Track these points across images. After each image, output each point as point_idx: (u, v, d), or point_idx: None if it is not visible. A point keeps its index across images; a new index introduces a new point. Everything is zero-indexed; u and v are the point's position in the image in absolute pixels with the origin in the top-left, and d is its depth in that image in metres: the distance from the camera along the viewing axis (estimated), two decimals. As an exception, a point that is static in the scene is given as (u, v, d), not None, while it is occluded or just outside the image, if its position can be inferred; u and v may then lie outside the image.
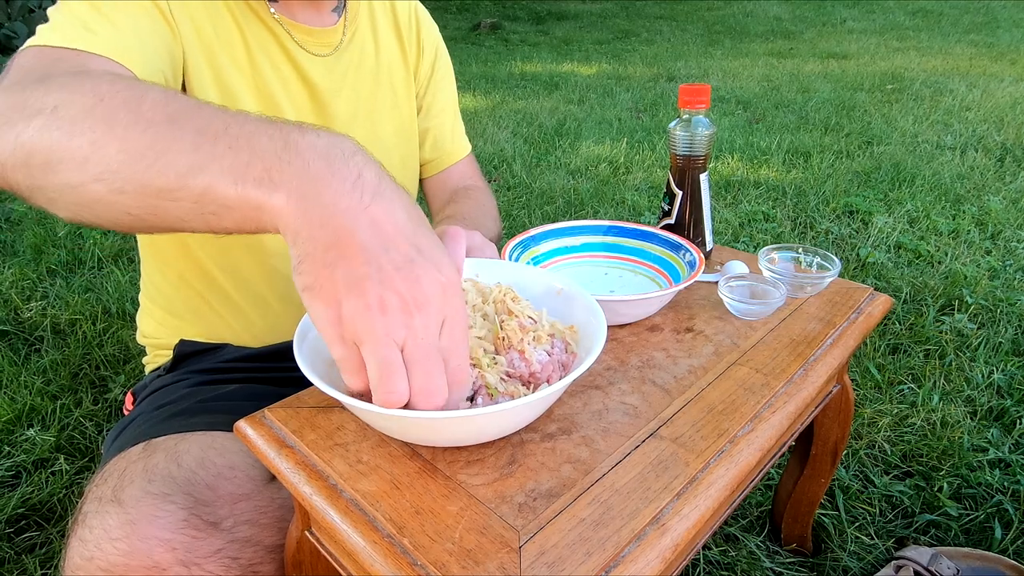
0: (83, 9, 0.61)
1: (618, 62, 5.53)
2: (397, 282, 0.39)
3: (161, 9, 0.68)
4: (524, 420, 0.50)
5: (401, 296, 0.39)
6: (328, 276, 0.39)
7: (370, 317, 0.38)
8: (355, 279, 0.39)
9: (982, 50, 5.19)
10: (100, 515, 0.55)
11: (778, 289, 0.72)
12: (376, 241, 0.40)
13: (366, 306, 0.38)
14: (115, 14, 0.63)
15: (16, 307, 1.75)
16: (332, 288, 0.39)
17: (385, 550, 0.43)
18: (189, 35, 0.70)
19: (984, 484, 1.12)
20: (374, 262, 0.39)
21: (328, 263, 0.39)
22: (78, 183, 0.43)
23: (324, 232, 0.39)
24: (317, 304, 0.39)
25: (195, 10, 0.71)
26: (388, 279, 0.39)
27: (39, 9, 4.36)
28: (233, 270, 0.81)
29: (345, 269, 0.39)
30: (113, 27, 0.61)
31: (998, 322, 1.59)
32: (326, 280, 0.39)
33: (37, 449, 1.24)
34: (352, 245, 0.39)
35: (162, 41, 0.67)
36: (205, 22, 0.72)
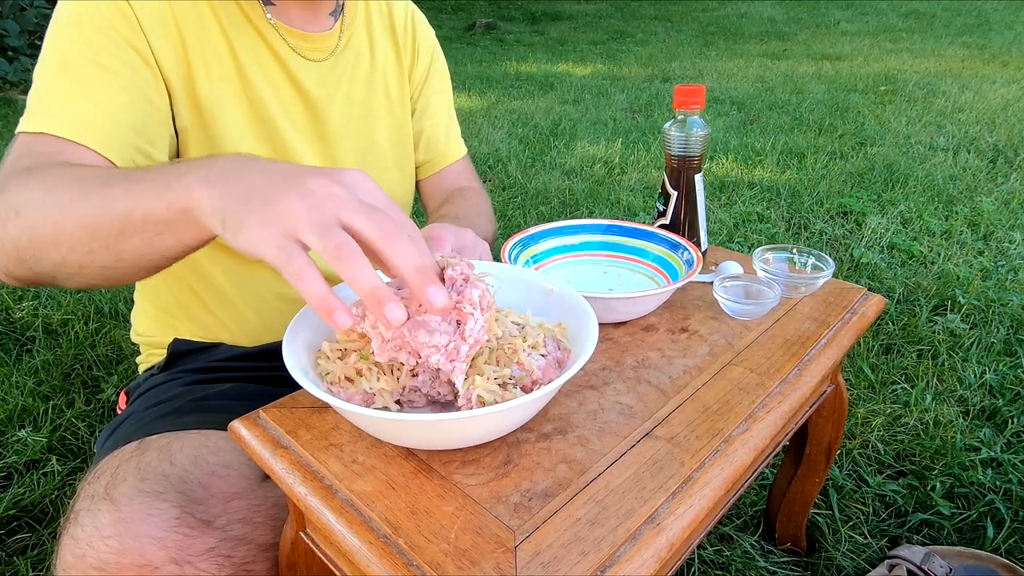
0: (54, 76, 0.64)
1: (613, 63, 5.54)
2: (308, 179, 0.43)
3: (139, 50, 0.67)
4: (517, 422, 0.50)
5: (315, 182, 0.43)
6: (249, 208, 0.43)
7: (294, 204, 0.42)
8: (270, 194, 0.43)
9: (974, 52, 5.22)
10: (92, 513, 0.55)
11: (772, 289, 0.72)
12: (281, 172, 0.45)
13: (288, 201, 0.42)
14: (87, 75, 0.64)
15: (7, 307, 1.74)
16: (256, 212, 0.42)
17: (380, 550, 0.43)
18: (172, 67, 0.70)
19: (976, 483, 1.13)
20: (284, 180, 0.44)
21: (245, 200, 0.44)
22: (60, 260, 0.53)
23: (235, 188, 0.45)
24: (247, 232, 0.42)
25: (172, 36, 0.69)
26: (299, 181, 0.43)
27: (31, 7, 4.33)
28: (229, 269, 0.81)
29: (260, 196, 0.43)
30: (82, 98, 0.63)
31: (990, 322, 1.60)
32: (249, 211, 0.43)
33: (29, 450, 1.23)
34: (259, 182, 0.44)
35: (140, 91, 0.67)
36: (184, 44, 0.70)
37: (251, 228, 0.42)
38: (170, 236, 0.49)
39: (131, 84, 0.66)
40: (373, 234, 0.42)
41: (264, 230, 0.42)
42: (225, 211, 0.44)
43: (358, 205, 0.43)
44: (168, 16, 0.69)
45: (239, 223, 0.43)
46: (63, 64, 0.64)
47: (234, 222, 0.43)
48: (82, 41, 0.64)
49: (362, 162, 0.86)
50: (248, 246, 0.42)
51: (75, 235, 0.51)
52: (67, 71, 0.64)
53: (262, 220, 0.42)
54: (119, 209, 0.49)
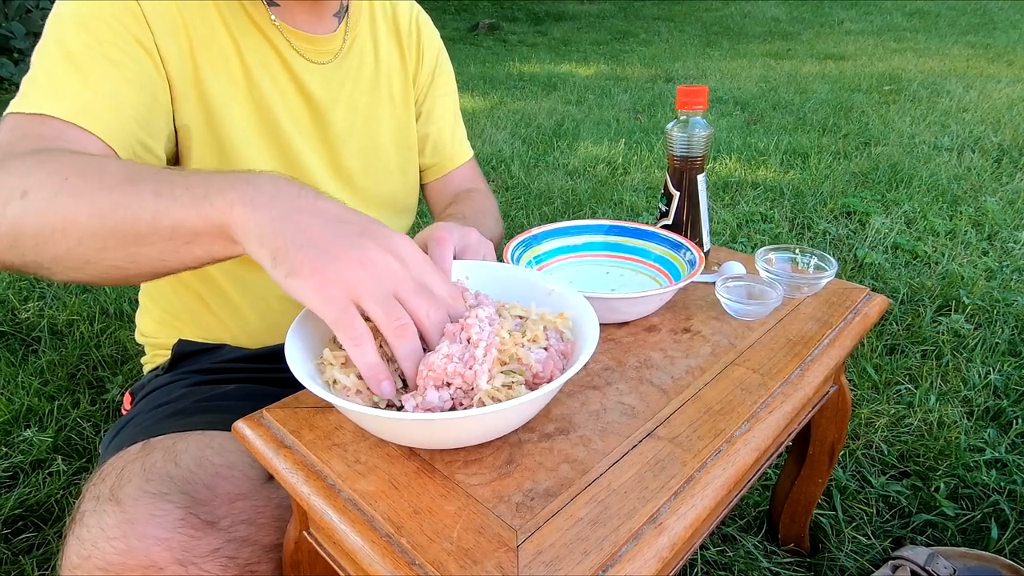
0: (57, 62, 0.62)
1: (616, 63, 5.54)
2: (364, 241, 0.46)
3: (147, 49, 0.66)
4: (518, 421, 0.50)
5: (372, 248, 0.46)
6: (305, 256, 0.44)
7: (356, 270, 0.44)
8: (329, 249, 0.45)
9: (979, 51, 5.20)
10: (97, 514, 0.55)
11: (775, 290, 0.72)
12: (334, 221, 0.47)
13: (348, 263, 0.44)
14: (90, 65, 0.62)
15: (13, 308, 1.75)
16: (312, 262, 0.44)
17: (383, 550, 0.43)
18: (177, 65, 0.69)
19: (981, 484, 1.12)
20: (340, 234, 0.46)
21: (300, 246, 0.44)
22: (64, 251, 0.50)
23: (287, 226, 0.45)
24: (303, 281, 0.44)
25: (179, 34, 0.69)
26: (356, 242, 0.45)
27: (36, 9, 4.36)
28: (233, 272, 0.81)
29: (317, 246, 0.45)
30: (84, 86, 0.62)
31: (995, 323, 1.60)
32: (305, 259, 0.44)
33: (34, 450, 1.24)
34: (315, 227, 0.46)
35: (143, 87, 0.66)
36: (191, 43, 0.70)
37: (307, 279, 0.43)
38: (199, 248, 0.48)
39: (135, 77, 0.65)
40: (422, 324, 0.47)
41: (324, 287, 0.43)
42: (277, 248, 0.44)
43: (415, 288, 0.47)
44: (176, 15, 0.69)
45: (293, 267, 0.44)
46: (66, 52, 0.62)
47: (287, 264, 0.44)
48: (86, 32, 0.63)
49: (365, 165, 0.87)
50: (302, 296, 0.44)
51: (89, 229, 0.49)
52: (70, 59, 0.62)
53: (322, 275, 0.44)
54: (146, 212, 0.48)
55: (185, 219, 0.47)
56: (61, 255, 0.51)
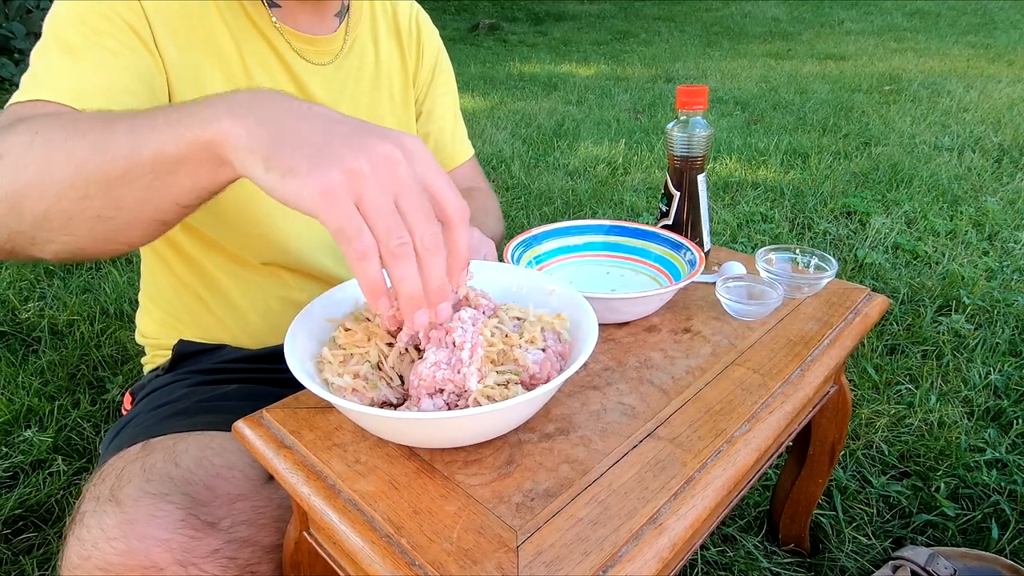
0: (56, 53, 0.61)
1: (616, 63, 5.54)
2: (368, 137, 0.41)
3: (144, 41, 0.66)
4: (518, 420, 0.50)
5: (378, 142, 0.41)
6: (302, 153, 0.39)
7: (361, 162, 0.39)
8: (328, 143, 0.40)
9: (979, 51, 5.20)
10: (98, 515, 0.55)
11: (775, 290, 0.72)
12: (332, 121, 0.42)
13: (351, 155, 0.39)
14: (88, 56, 0.62)
15: (14, 308, 1.75)
16: (310, 159, 0.39)
17: (383, 550, 0.43)
18: (176, 62, 0.69)
19: (981, 484, 1.12)
20: (340, 132, 0.41)
21: (296, 145, 0.40)
22: (44, 210, 0.46)
23: (280, 127, 0.41)
24: (299, 180, 0.39)
25: (181, 35, 0.69)
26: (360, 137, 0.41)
27: (37, 9, 4.36)
28: (233, 273, 0.81)
29: (315, 144, 0.40)
30: (81, 70, 0.61)
31: (995, 323, 1.60)
32: (302, 156, 0.39)
33: (35, 450, 1.24)
34: (311, 126, 0.41)
35: (140, 78, 0.65)
36: (197, 46, 0.70)
37: (305, 176, 0.38)
38: (185, 177, 0.44)
39: (133, 68, 0.65)
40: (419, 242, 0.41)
41: (324, 183, 0.38)
42: (269, 149, 0.40)
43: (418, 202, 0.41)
44: (177, 14, 0.69)
45: (289, 166, 0.39)
46: (63, 44, 0.62)
47: (282, 164, 0.39)
48: (84, 25, 0.63)
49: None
50: (299, 196, 0.39)
51: (68, 178, 0.45)
52: (67, 49, 0.62)
53: (322, 170, 0.39)
54: (123, 147, 0.44)
55: (165, 144, 0.43)
56: (42, 214, 0.46)
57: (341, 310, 0.58)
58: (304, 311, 0.56)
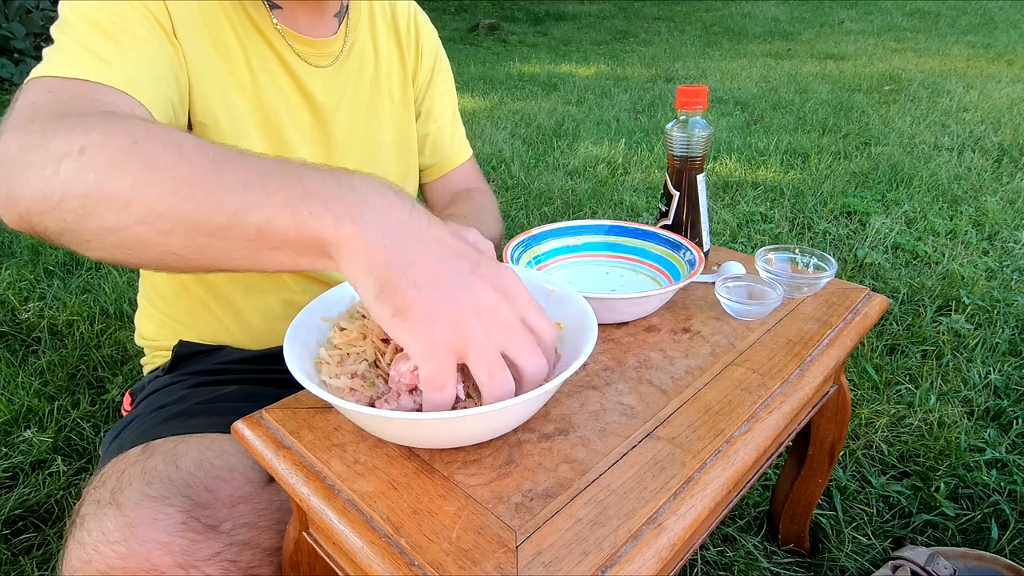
0: (89, 33, 0.59)
1: (616, 63, 5.54)
2: (476, 282, 0.42)
3: (167, 31, 0.66)
4: (517, 420, 0.50)
5: (484, 292, 0.42)
6: (417, 296, 0.40)
7: (469, 320, 0.41)
8: (443, 290, 0.40)
9: (979, 51, 5.20)
10: (98, 518, 0.55)
11: (775, 290, 0.72)
12: (448, 255, 0.42)
13: (460, 311, 0.40)
14: (122, 38, 0.60)
15: (13, 308, 1.75)
16: (422, 306, 0.40)
17: (382, 550, 0.43)
18: (194, 57, 0.69)
19: (981, 484, 1.12)
20: (454, 272, 0.42)
21: (412, 283, 0.40)
22: (120, 227, 0.42)
23: (400, 256, 0.40)
24: (410, 325, 0.40)
25: (199, 31, 0.69)
26: (469, 283, 0.42)
27: (36, 10, 4.36)
28: (236, 275, 0.81)
29: (431, 286, 0.40)
30: (123, 55, 0.59)
31: (995, 322, 1.60)
32: (415, 300, 0.40)
33: (34, 450, 1.24)
34: (428, 260, 0.41)
35: (168, 65, 0.65)
36: (208, 43, 0.70)
37: (416, 324, 0.40)
38: (284, 256, 0.42)
39: (164, 57, 0.64)
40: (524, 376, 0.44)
41: (430, 338, 0.40)
42: (386, 281, 0.40)
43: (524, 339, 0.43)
44: (196, 12, 0.69)
45: (401, 306, 0.40)
46: (94, 24, 0.59)
47: (395, 302, 0.40)
48: (110, 11, 0.61)
49: (367, 167, 0.86)
50: (403, 340, 0.40)
51: (158, 209, 0.41)
52: (101, 30, 0.59)
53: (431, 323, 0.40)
54: (231, 203, 0.41)
55: (277, 223, 0.40)
56: (113, 229, 0.42)
57: (337, 310, 0.59)
58: (303, 312, 0.56)
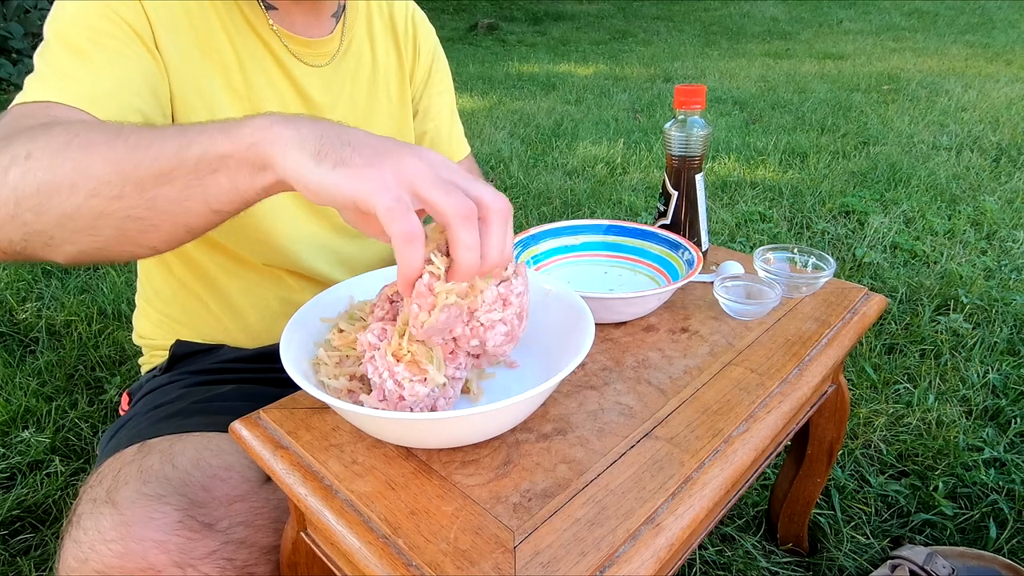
0: (62, 54, 0.61)
1: (615, 63, 5.54)
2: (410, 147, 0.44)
3: (146, 42, 0.65)
4: (512, 421, 0.50)
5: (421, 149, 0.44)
6: (354, 150, 0.42)
7: (411, 159, 0.42)
8: (380, 148, 0.43)
9: (978, 51, 5.20)
10: (94, 516, 0.55)
11: (773, 289, 0.72)
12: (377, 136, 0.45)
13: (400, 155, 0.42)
14: (95, 55, 0.61)
15: (11, 308, 1.75)
16: (362, 154, 0.42)
17: (380, 551, 0.43)
18: (178, 63, 0.68)
19: (979, 483, 1.12)
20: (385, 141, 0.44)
21: (347, 143, 0.42)
22: (74, 208, 0.46)
23: (330, 131, 0.43)
24: (353, 169, 0.41)
25: (184, 36, 0.68)
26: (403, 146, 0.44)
27: (35, 10, 4.35)
28: (233, 272, 0.81)
29: (366, 144, 0.43)
30: (90, 71, 0.61)
31: (993, 322, 1.60)
32: (354, 152, 0.42)
33: (32, 451, 1.24)
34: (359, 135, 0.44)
35: (142, 77, 0.65)
36: (195, 47, 0.69)
37: (358, 167, 0.41)
38: (224, 176, 0.45)
39: (138, 70, 0.64)
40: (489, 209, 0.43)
41: (375, 173, 0.41)
42: (321, 146, 0.42)
43: (471, 183, 0.44)
44: (180, 15, 0.68)
45: (342, 159, 0.41)
46: (67, 44, 0.61)
47: (335, 157, 0.41)
48: (86, 26, 0.62)
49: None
50: (352, 183, 0.40)
51: (103, 176, 0.45)
52: (73, 50, 0.61)
53: (372, 163, 0.41)
54: (170, 146, 0.45)
55: (213, 143, 0.44)
56: (70, 212, 0.46)
57: (335, 310, 0.58)
58: (299, 312, 0.56)
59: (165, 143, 0.45)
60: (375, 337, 0.48)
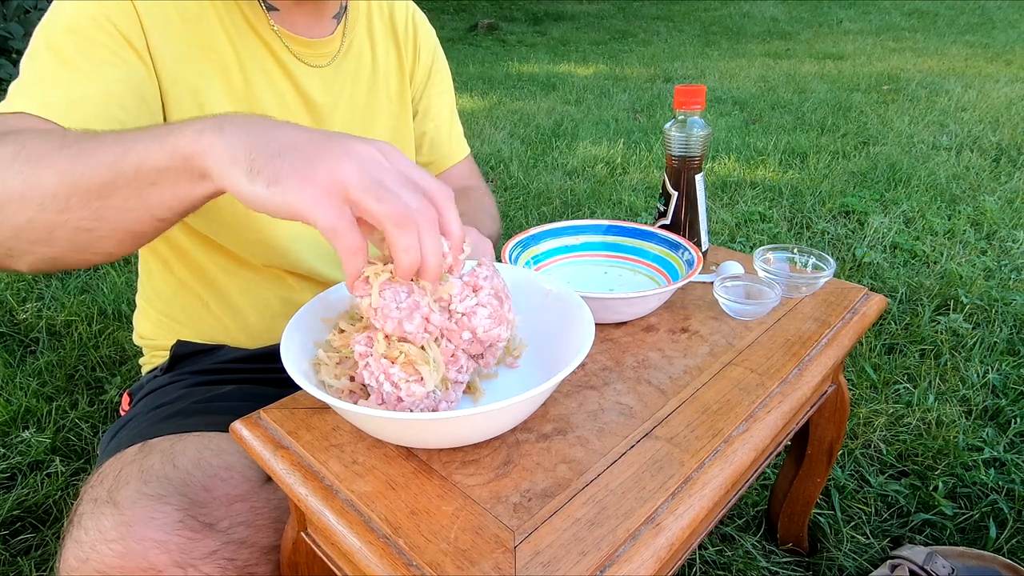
0: (47, 62, 0.61)
1: (615, 63, 5.54)
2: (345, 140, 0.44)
3: (137, 48, 0.65)
4: (514, 420, 0.50)
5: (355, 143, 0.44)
6: (285, 161, 0.42)
7: (343, 163, 0.42)
8: (309, 150, 0.42)
9: (978, 51, 5.20)
10: (95, 516, 0.55)
11: (773, 289, 0.72)
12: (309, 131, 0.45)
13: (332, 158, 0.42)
14: (81, 63, 0.61)
15: (11, 309, 1.75)
16: (293, 165, 0.41)
17: (380, 551, 0.43)
18: (172, 66, 0.68)
19: (979, 483, 1.12)
20: (318, 138, 0.44)
21: (278, 153, 0.42)
22: (25, 220, 0.47)
23: (261, 139, 0.43)
24: (286, 187, 0.41)
25: (178, 38, 0.68)
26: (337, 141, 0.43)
27: (35, 10, 4.35)
28: (232, 272, 0.81)
29: (297, 150, 0.42)
30: (73, 82, 0.60)
31: (993, 322, 1.60)
32: (284, 164, 0.41)
33: (33, 451, 1.24)
34: (290, 136, 0.43)
35: (131, 88, 0.64)
36: (191, 48, 0.69)
37: (291, 183, 0.40)
38: (165, 188, 0.45)
39: (125, 78, 0.64)
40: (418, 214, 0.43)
41: (309, 187, 0.40)
42: (252, 161, 0.41)
43: (404, 180, 0.44)
44: (174, 17, 0.68)
45: (274, 175, 0.41)
46: (54, 53, 0.61)
47: (268, 173, 0.41)
48: (75, 33, 0.62)
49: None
50: (288, 203, 0.41)
51: (50, 188, 0.46)
52: (58, 58, 0.61)
53: (304, 176, 0.41)
54: (108, 157, 0.45)
55: (147, 155, 0.44)
56: (23, 226, 0.47)
57: (336, 310, 0.58)
58: (299, 312, 0.56)
59: (104, 152, 0.45)
60: (363, 345, 0.48)
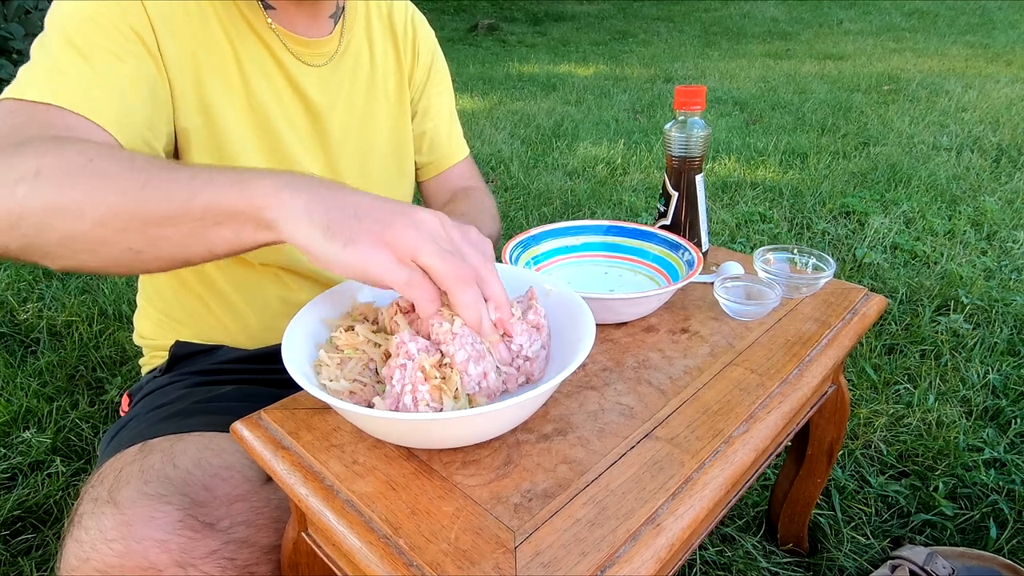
0: (62, 51, 0.60)
1: (615, 63, 5.54)
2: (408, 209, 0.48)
3: (146, 42, 0.65)
4: (513, 421, 0.50)
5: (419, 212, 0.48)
6: (362, 224, 0.45)
7: (411, 231, 0.46)
8: (381, 216, 0.46)
9: (978, 51, 5.20)
10: (96, 516, 0.55)
11: (773, 290, 0.72)
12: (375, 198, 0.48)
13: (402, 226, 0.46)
14: (96, 57, 0.61)
15: (12, 309, 1.75)
16: (370, 229, 0.45)
17: (381, 551, 0.43)
18: (178, 62, 0.68)
19: (979, 484, 1.12)
20: (386, 206, 0.47)
21: (354, 216, 0.46)
22: (79, 232, 0.48)
23: (335, 203, 0.46)
24: (364, 249, 0.44)
25: (182, 35, 0.68)
26: (402, 210, 0.47)
27: (35, 10, 4.36)
28: (232, 272, 0.81)
29: (371, 215, 0.46)
30: (91, 76, 0.60)
31: (993, 322, 1.60)
32: (362, 227, 0.45)
33: (33, 451, 1.24)
34: (361, 202, 0.47)
35: (144, 82, 0.65)
36: (193, 45, 0.69)
37: (369, 245, 0.44)
38: (228, 230, 0.47)
39: (138, 73, 0.64)
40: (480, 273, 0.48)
41: (385, 249, 0.45)
42: (330, 221, 0.45)
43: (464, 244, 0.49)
44: (180, 15, 0.68)
45: (351, 236, 0.44)
46: (69, 42, 0.61)
47: (344, 234, 0.44)
48: (90, 25, 0.62)
49: (362, 167, 0.87)
50: (365, 262, 0.44)
51: (113, 209, 0.47)
52: (75, 49, 0.60)
53: (383, 239, 0.45)
54: (179, 191, 0.47)
55: (222, 198, 0.46)
56: (74, 236, 0.48)
57: (337, 311, 0.59)
58: (301, 312, 0.56)
59: (176, 187, 0.47)
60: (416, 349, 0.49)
